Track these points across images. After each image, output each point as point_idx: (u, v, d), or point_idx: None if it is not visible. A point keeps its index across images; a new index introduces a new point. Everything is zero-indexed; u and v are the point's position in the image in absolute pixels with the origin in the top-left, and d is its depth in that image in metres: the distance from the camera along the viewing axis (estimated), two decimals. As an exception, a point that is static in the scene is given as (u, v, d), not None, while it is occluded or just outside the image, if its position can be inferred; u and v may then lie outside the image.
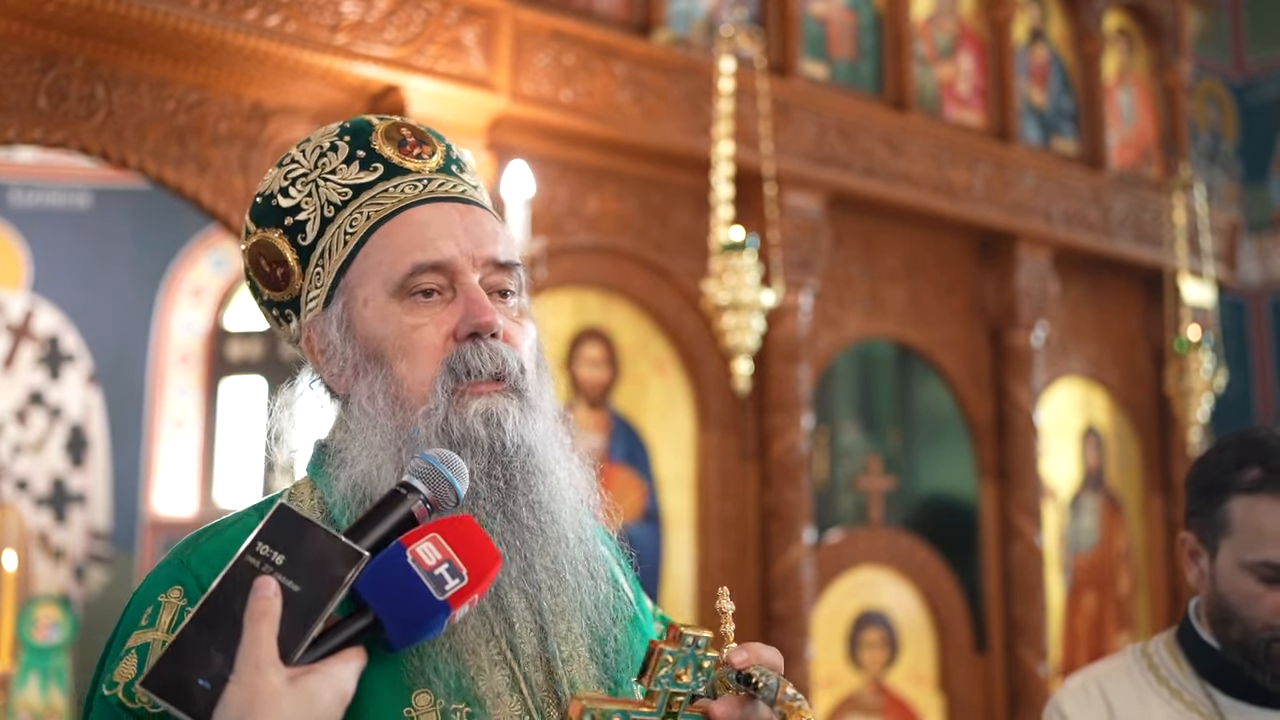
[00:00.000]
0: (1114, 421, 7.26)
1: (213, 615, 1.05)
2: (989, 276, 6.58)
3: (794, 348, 5.56)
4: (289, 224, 1.36)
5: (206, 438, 8.67)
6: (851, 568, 5.94)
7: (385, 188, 1.35)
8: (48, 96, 4.13)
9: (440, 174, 1.38)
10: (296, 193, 1.36)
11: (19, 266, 8.48)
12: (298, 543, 1.09)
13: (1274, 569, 1.99)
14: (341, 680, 1.06)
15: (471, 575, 1.14)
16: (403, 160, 1.36)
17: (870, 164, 5.86)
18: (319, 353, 1.37)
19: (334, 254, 1.34)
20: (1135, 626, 7.09)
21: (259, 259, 1.40)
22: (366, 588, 1.11)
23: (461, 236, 1.33)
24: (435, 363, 1.29)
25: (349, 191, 1.35)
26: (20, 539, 8.16)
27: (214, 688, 1.02)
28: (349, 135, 1.37)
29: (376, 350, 1.31)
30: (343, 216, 1.34)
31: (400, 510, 1.17)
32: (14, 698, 7.03)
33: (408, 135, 1.39)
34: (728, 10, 5.64)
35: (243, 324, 8.88)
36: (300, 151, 1.38)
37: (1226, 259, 7.61)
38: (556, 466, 1.33)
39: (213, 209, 4.43)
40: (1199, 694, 2.13)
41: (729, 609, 1.31)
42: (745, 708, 1.25)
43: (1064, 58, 7.17)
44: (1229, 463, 2.07)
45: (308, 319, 1.38)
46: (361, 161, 1.35)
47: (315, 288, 1.36)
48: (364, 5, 4.43)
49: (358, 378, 1.33)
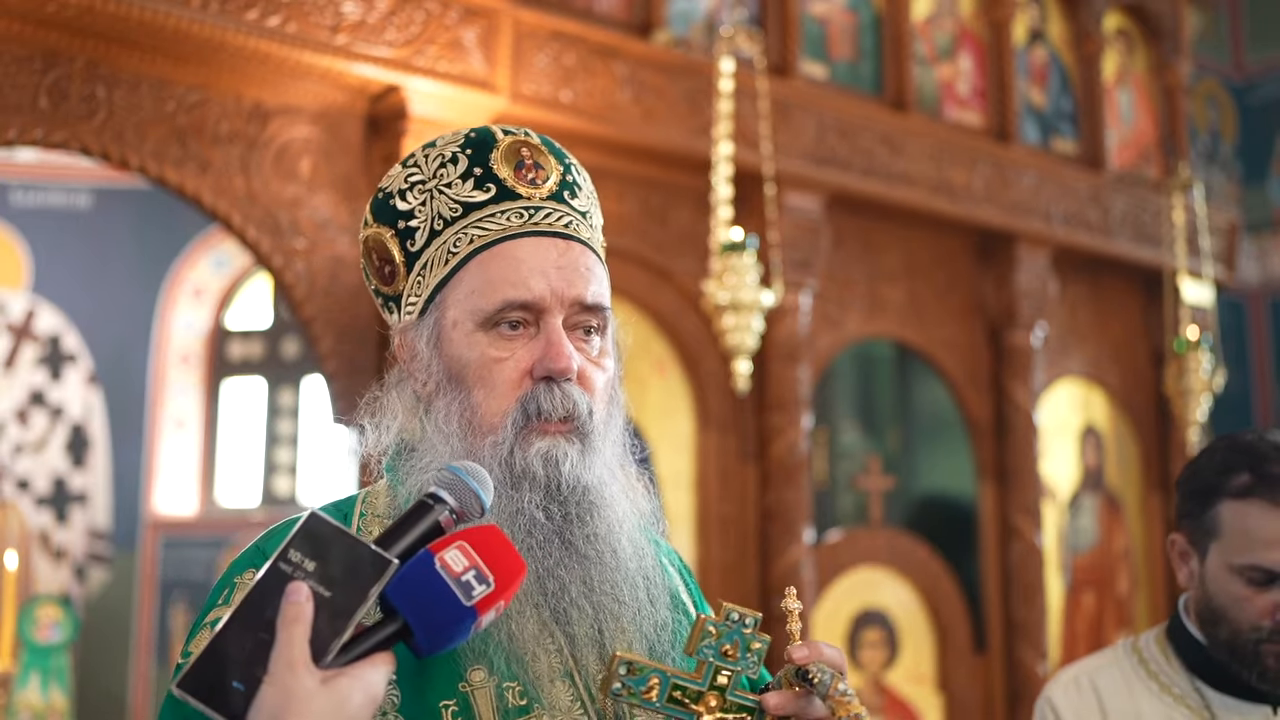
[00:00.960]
0: (1113, 421, 7.27)
1: (247, 620, 1.08)
2: (988, 276, 6.58)
3: (794, 348, 5.57)
4: (401, 227, 1.41)
5: (207, 438, 8.68)
6: (851, 567, 5.95)
7: (493, 212, 1.39)
8: (48, 97, 4.14)
9: (550, 201, 1.41)
10: (413, 199, 1.41)
11: (20, 267, 8.49)
12: (328, 550, 1.12)
13: (1262, 572, 2.03)
14: (371, 683, 1.09)
15: (498, 582, 1.16)
16: (516, 184, 1.40)
17: (870, 164, 5.87)
18: (409, 358, 1.43)
19: (435, 269, 1.40)
20: (1134, 626, 7.10)
21: (371, 252, 1.46)
22: (396, 594, 1.14)
23: (554, 274, 1.37)
24: (511, 398, 1.35)
25: (459, 208, 1.39)
26: (21, 538, 8.16)
27: (248, 689, 1.05)
28: (471, 149, 1.41)
29: (459, 373, 1.37)
30: (449, 233, 1.39)
31: (428, 520, 1.20)
32: (15, 697, 7.04)
33: (527, 156, 1.42)
34: (728, 11, 5.65)
35: (243, 324, 8.89)
36: (424, 155, 1.43)
37: (1225, 259, 7.61)
38: (615, 502, 1.39)
39: (213, 209, 4.44)
40: (1187, 688, 2.18)
41: (795, 608, 1.35)
42: (800, 701, 1.29)
43: (1063, 58, 7.18)
44: (1219, 467, 2.11)
45: (403, 323, 1.44)
46: (477, 180, 1.39)
47: (414, 295, 1.42)
48: (364, 6, 4.44)
49: (439, 393, 1.39)
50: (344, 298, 4.60)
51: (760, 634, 1.31)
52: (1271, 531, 2.02)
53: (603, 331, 1.42)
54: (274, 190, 4.51)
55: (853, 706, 1.22)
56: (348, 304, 4.61)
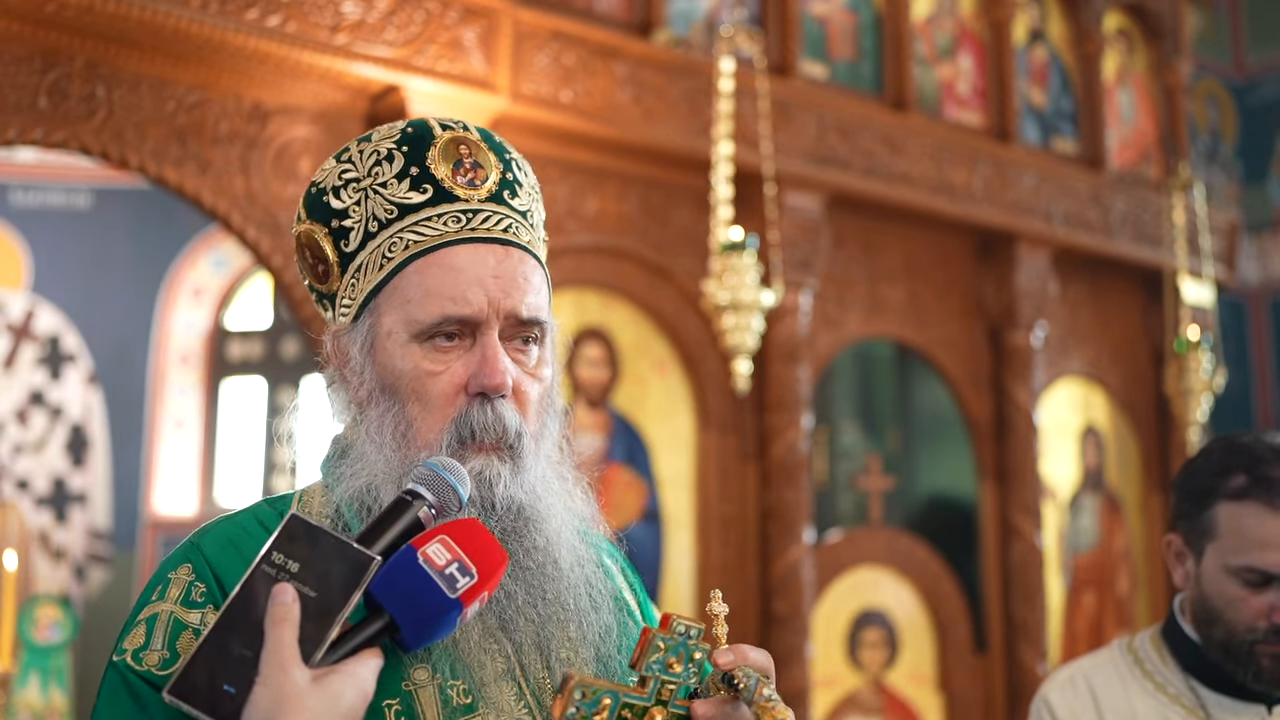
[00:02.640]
0: (1113, 421, 7.26)
1: (233, 623, 1.08)
2: (988, 276, 6.58)
3: (794, 348, 5.57)
4: (335, 226, 1.39)
5: (207, 438, 8.68)
6: (851, 568, 5.95)
7: (429, 215, 1.35)
8: (48, 96, 4.13)
9: (489, 204, 1.38)
10: (347, 197, 1.38)
11: (19, 266, 8.48)
12: (311, 551, 1.12)
13: (1258, 574, 2.04)
14: (362, 679, 1.10)
15: (481, 573, 1.17)
16: (453, 185, 1.37)
17: (870, 164, 5.87)
18: (343, 362, 1.41)
19: (370, 273, 1.37)
20: (1134, 626, 7.09)
21: (305, 249, 1.43)
22: (380, 590, 1.15)
23: (491, 284, 1.34)
24: (445, 416, 1.33)
25: (395, 210, 1.36)
26: (21, 539, 8.16)
27: (239, 692, 1.06)
28: (407, 145, 1.38)
29: (393, 383, 1.35)
30: (384, 236, 1.36)
31: (408, 516, 1.21)
32: (14, 697, 7.04)
33: (465, 155, 1.39)
34: (728, 10, 5.64)
35: (243, 324, 8.89)
36: (359, 151, 1.40)
37: (1226, 259, 7.61)
38: (551, 514, 1.38)
39: (213, 209, 4.43)
40: (1183, 688, 2.19)
41: (720, 611, 1.34)
42: (727, 708, 1.28)
43: (1063, 58, 7.17)
44: (1215, 468, 2.12)
45: (336, 325, 1.42)
46: (413, 180, 1.36)
47: (348, 298, 1.39)
48: (364, 5, 4.44)
49: (371, 401, 1.37)
50: (344, 298, 4.59)
51: (702, 643, 1.30)
52: (1267, 533, 2.03)
53: (541, 341, 1.40)
54: (274, 190, 4.51)
55: (777, 712, 1.21)
56: (347, 304, 4.60)
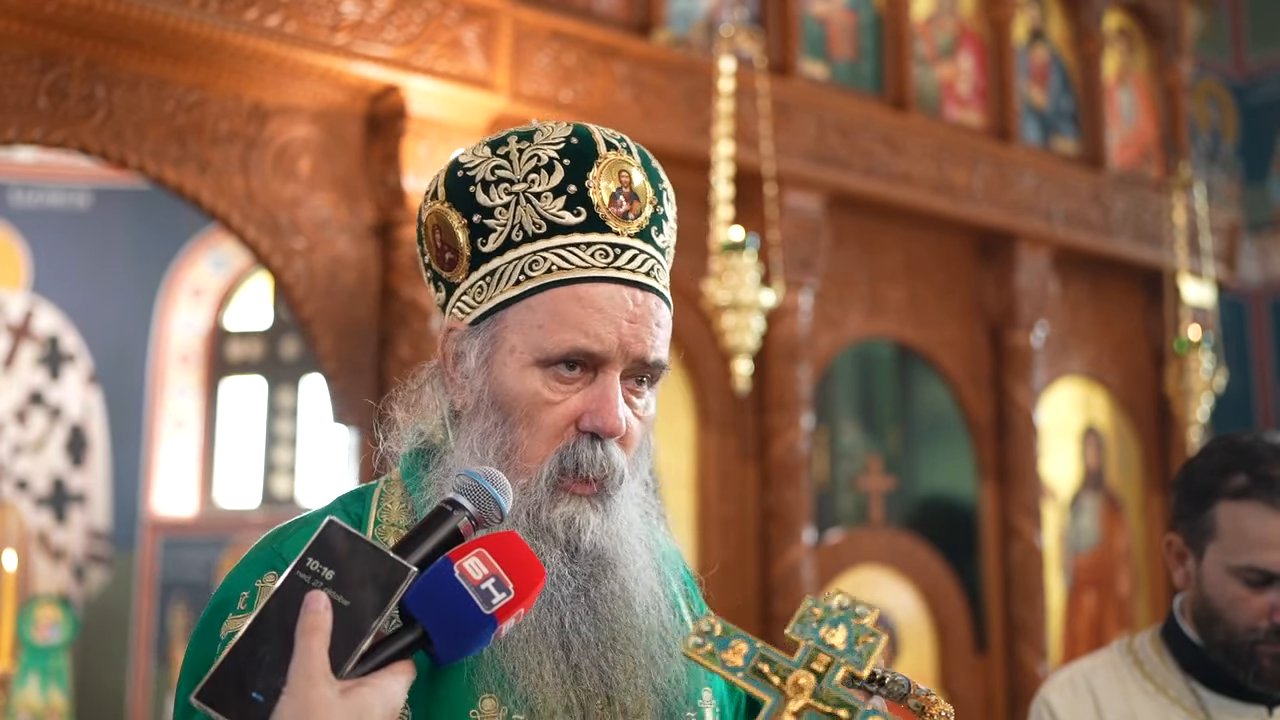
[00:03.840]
0: (1114, 421, 7.26)
1: (265, 630, 1.07)
2: (989, 276, 6.58)
3: (794, 348, 5.57)
4: (476, 221, 1.34)
5: (206, 438, 8.67)
6: (851, 568, 5.94)
7: (579, 241, 1.33)
8: (47, 96, 4.13)
9: (638, 240, 1.36)
10: (496, 196, 1.33)
11: (19, 266, 8.48)
12: (346, 559, 1.11)
13: (1259, 574, 2.03)
14: (391, 694, 1.08)
15: (518, 589, 1.15)
16: (608, 215, 1.34)
17: (870, 164, 5.87)
18: (451, 360, 1.38)
19: (504, 284, 1.33)
20: (1135, 626, 7.09)
21: (435, 229, 1.39)
22: (415, 602, 1.13)
23: (625, 327, 1.32)
24: (552, 446, 1.32)
25: (544, 225, 1.32)
26: (20, 539, 8.16)
27: (267, 700, 1.04)
28: (569, 158, 1.34)
29: (506, 402, 1.33)
30: (527, 250, 1.33)
31: (446, 527, 1.18)
32: (14, 697, 7.04)
33: (625, 182, 1.36)
34: (728, 10, 5.64)
35: (243, 324, 8.89)
36: (518, 151, 1.35)
37: (1226, 259, 7.61)
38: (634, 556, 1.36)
39: (213, 209, 4.43)
40: (1183, 689, 2.18)
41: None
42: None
43: (1064, 57, 7.17)
44: (1216, 468, 2.11)
45: (453, 320, 1.38)
46: (569, 199, 1.33)
47: (473, 299, 1.36)
48: (364, 5, 4.43)
49: (478, 413, 1.34)
50: (343, 298, 4.60)
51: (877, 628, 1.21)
52: (1268, 532, 2.02)
53: (654, 383, 1.39)
54: (273, 190, 4.51)
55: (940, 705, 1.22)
56: (347, 304, 4.60)
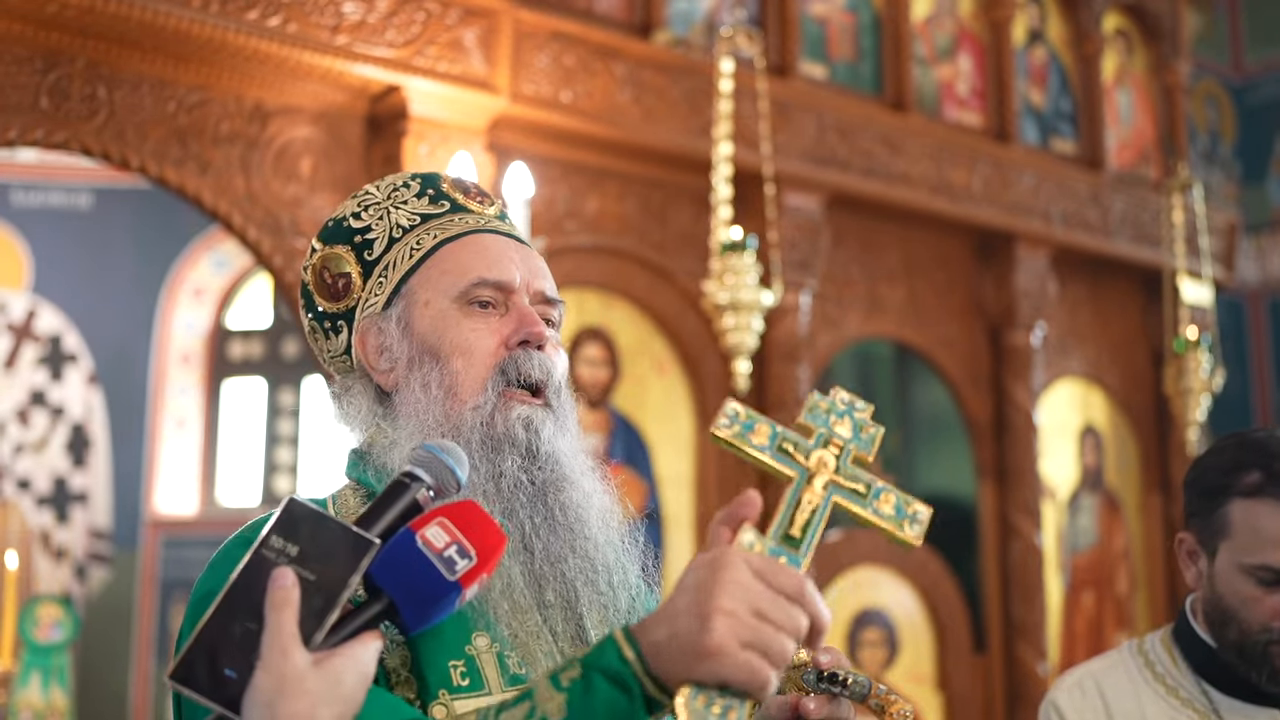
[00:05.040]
0: (1112, 421, 7.27)
1: (234, 607, 1.09)
2: (988, 276, 6.59)
3: (793, 348, 5.58)
4: (357, 241, 1.50)
5: (208, 437, 8.68)
6: (851, 567, 5.95)
7: (451, 218, 1.51)
8: (49, 97, 4.14)
9: (498, 220, 1.55)
10: (368, 216, 1.51)
11: (20, 267, 8.49)
12: (310, 534, 1.13)
13: (1273, 572, 1.98)
14: (363, 661, 1.10)
15: (479, 555, 1.18)
16: (467, 202, 1.53)
17: (869, 164, 5.88)
18: (371, 351, 1.48)
19: (400, 264, 1.48)
20: (1134, 626, 7.10)
21: (322, 271, 1.52)
22: (380, 573, 1.15)
23: (520, 265, 1.48)
24: (489, 365, 1.42)
25: (418, 218, 1.50)
26: (22, 538, 8.17)
27: (240, 676, 1.06)
28: (420, 179, 1.54)
29: (433, 347, 1.43)
30: (410, 236, 1.49)
31: (405, 498, 1.21)
32: (15, 697, 7.04)
33: (471, 188, 1.56)
34: (727, 11, 5.65)
35: (244, 324, 8.90)
36: (375, 186, 1.54)
37: (1225, 259, 7.62)
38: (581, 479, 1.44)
39: (214, 209, 4.44)
40: (1194, 691, 2.13)
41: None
42: (830, 706, 1.33)
43: (1063, 58, 7.18)
44: (1229, 465, 2.05)
45: (364, 320, 1.48)
46: (431, 198, 1.52)
47: (375, 295, 1.48)
48: (365, 6, 4.45)
49: (410, 371, 1.44)
50: (344, 298, 4.60)
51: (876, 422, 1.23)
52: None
53: (557, 327, 1.51)
54: (274, 190, 4.52)
55: (900, 704, 1.24)
56: (348, 304, 4.61)
